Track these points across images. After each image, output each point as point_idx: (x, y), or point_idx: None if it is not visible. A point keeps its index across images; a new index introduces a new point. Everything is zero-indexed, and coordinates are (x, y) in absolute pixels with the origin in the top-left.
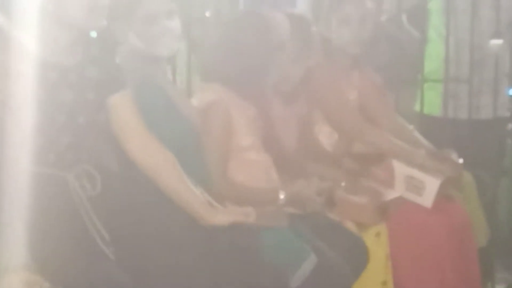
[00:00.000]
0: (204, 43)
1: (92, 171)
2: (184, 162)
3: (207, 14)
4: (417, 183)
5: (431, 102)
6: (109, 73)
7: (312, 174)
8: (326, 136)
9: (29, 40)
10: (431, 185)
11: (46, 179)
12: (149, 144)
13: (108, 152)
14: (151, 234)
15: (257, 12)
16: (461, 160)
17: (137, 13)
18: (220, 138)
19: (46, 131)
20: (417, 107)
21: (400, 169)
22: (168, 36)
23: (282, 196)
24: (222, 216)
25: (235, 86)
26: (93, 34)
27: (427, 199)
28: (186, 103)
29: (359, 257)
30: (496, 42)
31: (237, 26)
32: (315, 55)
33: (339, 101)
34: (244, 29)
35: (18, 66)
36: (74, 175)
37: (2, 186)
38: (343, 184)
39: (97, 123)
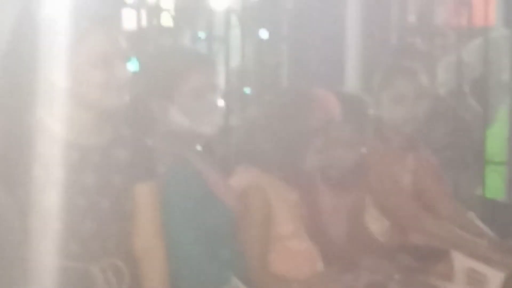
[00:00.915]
0: (242, 122)
1: (119, 263)
2: (219, 250)
3: (247, 90)
4: (479, 276)
5: (494, 186)
6: (138, 156)
7: (362, 266)
8: (377, 225)
9: (49, 118)
10: (495, 278)
11: (69, 273)
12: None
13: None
14: None
15: (301, 90)
16: None
17: (183, 87)
18: (259, 225)
19: (68, 217)
20: (478, 191)
21: (460, 261)
22: (214, 112)
23: None
24: None
25: (274, 169)
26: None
27: None
28: (223, 186)
29: None
30: None
31: (278, 104)
32: (370, 140)
33: (392, 186)
34: (285, 107)
35: (38, 146)
36: (99, 268)
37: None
38: (396, 277)
39: (122, 210)
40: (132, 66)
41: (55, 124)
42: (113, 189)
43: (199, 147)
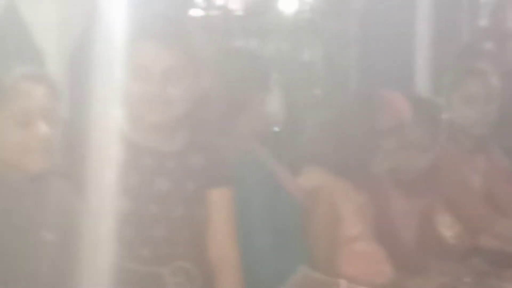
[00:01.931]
0: (311, 123)
1: (189, 266)
2: (288, 244)
3: (316, 91)
4: None
5: None
6: (212, 161)
7: (432, 269)
8: (448, 227)
9: (123, 123)
10: None
11: (140, 276)
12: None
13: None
14: None
15: (371, 91)
16: None
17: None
18: (326, 227)
19: (140, 222)
20: None
21: None
22: None
23: None
24: None
25: (342, 171)
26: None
27: None
28: (292, 182)
29: None
30: None
31: (347, 105)
32: (442, 143)
33: (463, 189)
34: (355, 108)
35: (110, 150)
36: (170, 272)
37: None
38: (467, 280)
39: (194, 215)
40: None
41: (129, 130)
42: (186, 195)
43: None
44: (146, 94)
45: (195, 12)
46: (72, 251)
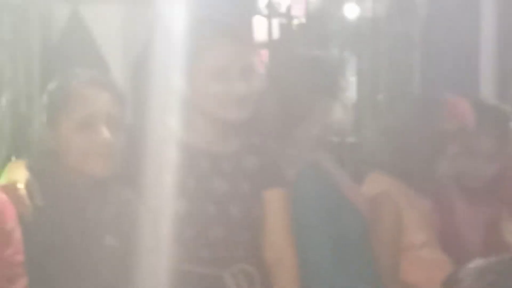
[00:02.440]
0: (374, 130)
1: (250, 269)
2: (350, 256)
3: (379, 97)
4: None
5: None
6: (267, 163)
7: None
8: None
9: (179, 126)
10: None
11: (199, 279)
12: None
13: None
14: None
15: (434, 97)
16: None
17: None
18: (391, 234)
19: (198, 224)
20: None
21: None
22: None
23: None
24: None
25: (406, 177)
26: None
27: None
28: (355, 191)
29: None
30: None
31: (410, 111)
32: (509, 151)
33: None
34: (418, 114)
35: (168, 154)
36: (230, 274)
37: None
38: None
39: (251, 217)
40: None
41: (185, 132)
42: (242, 196)
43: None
44: (225, 93)
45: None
46: (133, 255)
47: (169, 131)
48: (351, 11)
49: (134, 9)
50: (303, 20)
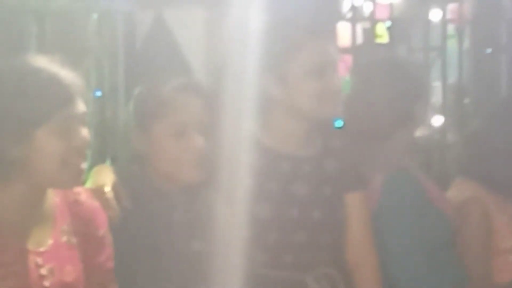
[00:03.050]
0: (461, 134)
1: (333, 273)
2: (437, 260)
3: (466, 101)
4: None
5: None
6: (349, 166)
7: None
8: None
9: (259, 129)
10: None
11: (283, 283)
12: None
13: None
14: None
15: None
16: None
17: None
18: (480, 238)
19: (281, 228)
20: None
21: None
22: None
23: None
24: None
25: (493, 182)
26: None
27: None
28: (442, 196)
29: None
30: None
31: (498, 115)
32: None
33: None
34: (505, 119)
35: (250, 157)
36: (313, 278)
37: None
38: None
39: (334, 220)
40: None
41: (266, 136)
42: (324, 199)
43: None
44: (322, 89)
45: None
46: (218, 259)
47: (251, 135)
48: (435, 15)
49: (216, 12)
50: (388, 23)
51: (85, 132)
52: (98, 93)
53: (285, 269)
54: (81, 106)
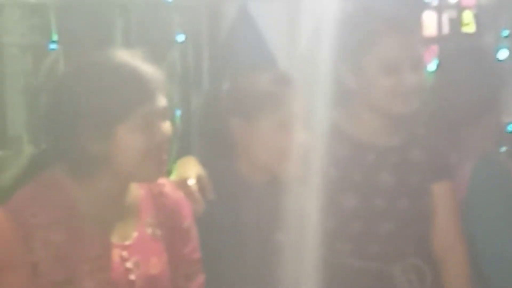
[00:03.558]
0: None
1: (420, 263)
2: None
3: None
4: None
5: None
6: (435, 155)
7: None
8: None
9: (342, 120)
10: None
11: (369, 274)
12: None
13: None
14: None
15: None
16: None
17: None
18: None
19: (366, 218)
20: None
21: None
22: None
23: None
24: None
25: None
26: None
27: None
28: None
29: None
30: None
31: None
32: None
33: None
34: None
35: (334, 147)
36: (400, 269)
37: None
38: None
39: (421, 210)
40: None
41: (349, 126)
42: (410, 189)
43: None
44: (394, 86)
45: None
46: (303, 250)
47: (335, 125)
48: None
49: (300, 3)
50: (474, 11)
51: (166, 126)
52: (184, 85)
53: (371, 260)
54: (162, 101)
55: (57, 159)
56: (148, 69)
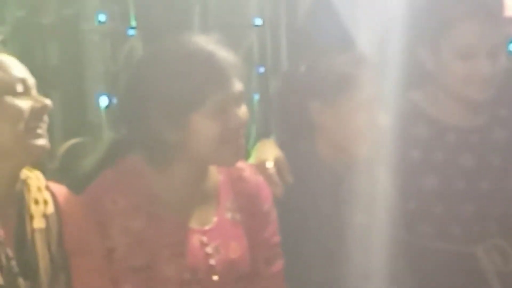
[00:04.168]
0: None
1: (503, 244)
2: None
3: None
4: None
5: None
6: None
7: None
8: None
9: (423, 101)
10: None
11: (451, 256)
12: None
13: None
14: None
15: None
16: None
17: None
18: None
19: (448, 200)
20: None
21: None
22: None
23: None
24: None
25: None
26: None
27: None
28: None
29: None
30: None
31: None
32: None
33: None
34: None
35: (414, 128)
36: (483, 250)
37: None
38: None
39: (503, 190)
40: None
41: (429, 107)
42: (492, 170)
43: None
44: (470, 72)
45: None
46: (383, 232)
47: (415, 106)
48: None
49: None
50: None
51: (242, 110)
52: (261, 69)
53: (453, 242)
54: (237, 86)
55: (134, 146)
56: (223, 54)
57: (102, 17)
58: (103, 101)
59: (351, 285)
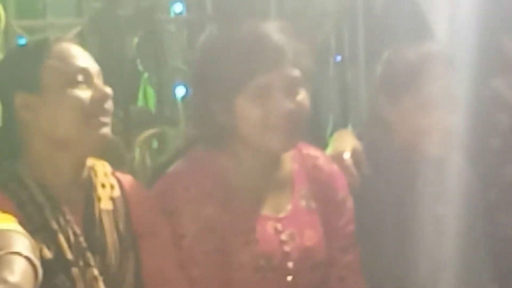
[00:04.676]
0: None
1: None
2: None
3: None
4: None
5: None
6: None
7: None
8: None
9: (504, 88)
10: None
11: None
12: None
13: None
14: None
15: None
16: None
17: None
18: None
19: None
20: None
21: None
22: None
23: None
24: None
25: None
26: None
27: None
28: None
29: None
30: None
31: None
32: None
33: None
34: None
35: (497, 117)
36: None
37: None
38: None
39: None
40: None
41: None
42: None
43: None
44: None
45: None
46: (463, 223)
47: (497, 93)
48: None
49: None
50: None
51: (297, 98)
52: (338, 58)
53: None
54: (288, 72)
55: (200, 133)
56: (279, 38)
57: (179, 7)
58: (180, 91)
59: (427, 275)
